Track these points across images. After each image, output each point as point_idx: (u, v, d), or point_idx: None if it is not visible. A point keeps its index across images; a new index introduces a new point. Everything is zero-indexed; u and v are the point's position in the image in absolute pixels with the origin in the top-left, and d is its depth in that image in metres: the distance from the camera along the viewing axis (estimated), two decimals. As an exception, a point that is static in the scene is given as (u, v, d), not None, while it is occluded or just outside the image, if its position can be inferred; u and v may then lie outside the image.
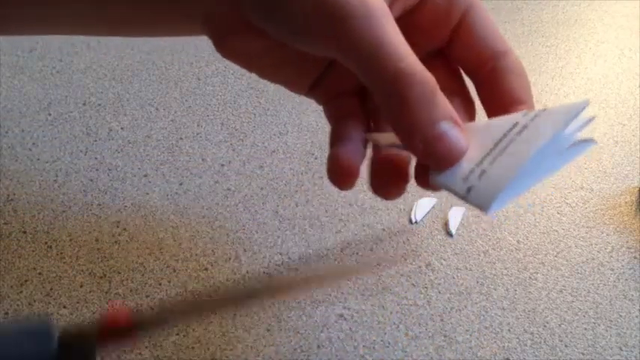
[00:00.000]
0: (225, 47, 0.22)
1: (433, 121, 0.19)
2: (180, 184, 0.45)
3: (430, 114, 0.19)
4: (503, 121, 0.21)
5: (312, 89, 0.26)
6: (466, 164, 0.21)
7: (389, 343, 0.37)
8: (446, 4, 0.23)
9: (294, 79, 0.25)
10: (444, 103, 0.20)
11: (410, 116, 0.19)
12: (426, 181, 0.23)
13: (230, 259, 0.40)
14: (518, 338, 0.37)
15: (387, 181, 0.24)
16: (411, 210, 0.44)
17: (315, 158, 0.48)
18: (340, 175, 0.24)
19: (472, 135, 0.21)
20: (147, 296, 0.38)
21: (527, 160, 0.19)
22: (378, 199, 0.46)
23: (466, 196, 0.21)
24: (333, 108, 0.26)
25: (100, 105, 0.52)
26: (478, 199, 0.20)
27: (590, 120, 0.20)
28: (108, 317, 0.22)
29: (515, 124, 0.20)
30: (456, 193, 0.21)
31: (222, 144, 0.49)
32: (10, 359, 0.19)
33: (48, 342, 0.20)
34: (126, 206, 0.43)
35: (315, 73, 0.25)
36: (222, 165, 0.47)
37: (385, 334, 0.37)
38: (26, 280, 0.38)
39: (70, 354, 0.21)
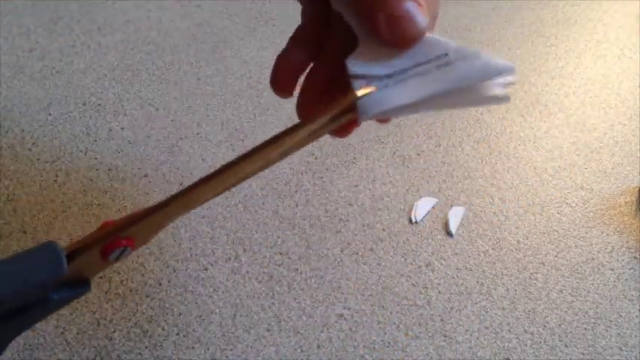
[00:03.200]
0: None
1: (392, 1, 0.20)
2: (180, 184, 0.45)
3: None
4: (436, 45, 0.22)
5: None
6: (384, 68, 0.22)
7: (389, 343, 0.37)
8: None
9: None
10: None
11: (372, 3, 0.20)
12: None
13: (230, 259, 0.40)
14: (518, 338, 0.37)
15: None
16: (411, 210, 0.44)
17: (316, 158, 0.48)
18: (274, 85, 0.25)
19: None
20: (147, 296, 0.38)
21: (428, 97, 0.21)
22: (378, 199, 0.46)
23: (361, 97, 0.22)
24: (306, 8, 0.27)
25: (100, 105, 0.52)
26: (364, 103, 0.21)
27: (511, 84, 0.21)
28: (102, 227, 0.22)
29: (445, 55, 0.21)
30: (354, 84, 0.22)
31: (222, 144, 0.49)
32: (20, 277, 0.20)
33: (57, 260, 0.20)
34: (126, 206, 0.43)
35: None
36: (222, 165, 0.47)
37: (385, 334, 0.37)
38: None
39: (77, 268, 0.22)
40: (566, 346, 0.37)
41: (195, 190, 0.21)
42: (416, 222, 0.43)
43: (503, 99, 0.22)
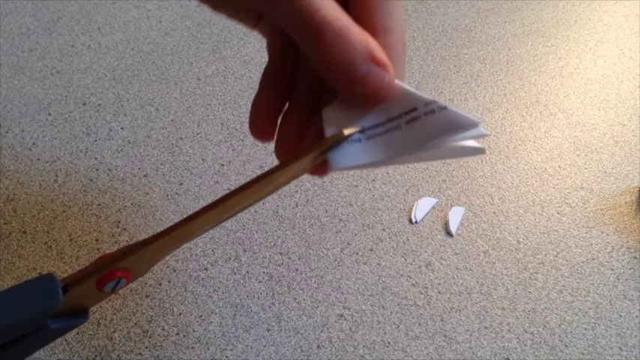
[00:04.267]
0: None
1: (352, 62, 0.20)
2: (180, 184, 0.45)
3: (348, 55, 0.20)
4: (406, 98, 0.21)
5: (257, 25, 0.26)
6: (357, 122, 0.21)
7: (389, 343, 0.37)
8: None
9: (238, 14, 0.26)
10: (361, 43, 0.20)
11: (329, 61, 0.20)
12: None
13: (230, 259, 0.40)
14: (518, 338, 0.37)
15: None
16: (411, 210, 0.44)
17: (315, 158, 0.48)
18: (252, 131, 0.25)
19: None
20: (147, 296, 0.38)
21: (397, 155, 0.20)
22: (378, 199, 0.46)
23: (329, 148, 0.21)
24: (270, 43, 0.26)
25: (100, 105, 0.52)
26: (334, 156, 0.21)
27: (482, 136, 0.20)
28: (98, 260, 0.23)
29: (414, 110, 0.21)
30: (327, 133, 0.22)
31: (222, 144, 0.49)
32: (17, 308, 0.20)
33: (53, 291, 0.21)
34: (126, 206, 0.43)
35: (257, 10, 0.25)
36: (222, 165, 0.47)
37: (385, 334, 0.37)
38: (26, 280, 0.38)
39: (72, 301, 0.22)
40: (566, 346, 0.37)
41: (189, 224, 0.21)
42: (416, 222, 0.43)
43: (477, 151, 0.21)
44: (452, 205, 0.45)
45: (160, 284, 0.39)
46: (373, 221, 0.44)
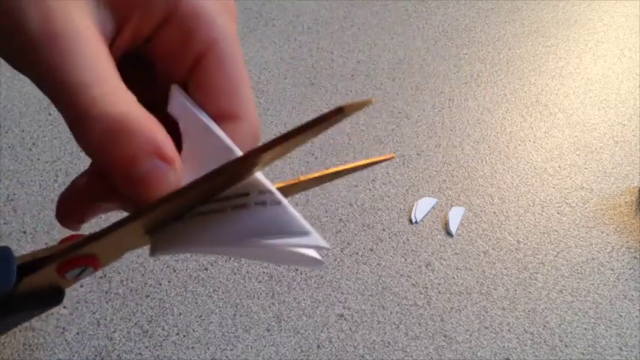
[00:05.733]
0: None
1: (128, 159, 0.16)
2: (180, 184, 0.45)
3: (123, 151, 0.16)
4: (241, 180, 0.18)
5: None
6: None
7: (389, 343, 0.37)
8: (179, 39, 0.18)
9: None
10: (147, 134, 0.16)
11: (102, 158, 0.16)
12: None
13: (230, 259, 0.40)
14: (518, 338, 0.37)
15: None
16: (411, 210, 0.44)
17: (316, 158, 0.48)
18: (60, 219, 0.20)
19: (209, 158, 0.18)
20: (147, 296, 0.38)
21: (222, 244, 0.17)
22: (378, 199, 0.46)
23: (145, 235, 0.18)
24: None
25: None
26: (155, 243, 0.18)
27: (320, 247, 0.18)
28: (64, 241, 0.20)
29: (245, 195, 0.18)
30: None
31: (222, 144, 0.49)
32: None
33: (6, 270, 0.19)
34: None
35: None
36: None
37: (385, 334, 0.37)
38: (26, 280, 0.38)
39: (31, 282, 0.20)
40: (566, 346, 0.37)
41: (159, 208, 0.18)
42: (416, 222, 0.43)
43: (314, 263, 0.19)
44: (452, 205, 0.45)
45: (160, 284, 0.39)
46: (373, 221, 0.44)
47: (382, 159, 0.21)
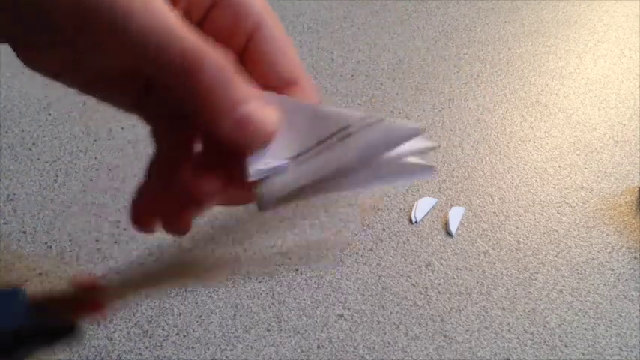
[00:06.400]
0: (26, 61, 0.19)
1: (234, 103, 0.18)
2: (180, 184, 0.45)
3: (229, 96, 0.18)
4: (336, 117, 0.20)
5: (134, 108, 0.22)
6: (284, 155, 0.20)
7: (389, 343, 0.37)
8: (230, 21, 0.20)
9: (111, 96, 0.22)
10: (241, 82, 0.18)
11: (208, 102, 0.18)
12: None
13: (229, 259, 0.40)
14: (518, 338, 0.37)
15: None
16: (411, 210, 0.44)
17: (315, 158, 0.48)
18: (135, 225, 0.21)
19: (296, 117, 0.20)
20: (147, 296, 0.38)
21: (333, 172, 0.18)
22: (378, 199, 0.46)
23: (262, 182, 0.20)
24: (153, 132, 0.22)
25: (99, 105, 0.52)
26: (268, 189, 0.19)
27: (429, 150, 0.18)
28: (76, 283, 0.21)
29: (347, 127, 0.19)
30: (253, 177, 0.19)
31: (222, 144, 0.49)
32: None
33: (17, 303, 0.19)
34: (126, 206, 0.43)
35: (133, 90, 0.22)
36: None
37: (385, 334, 0.37)
38: (26, 280, 0.38)
39: (43, 319, 0.21)
40: (566, 346, 0.37)
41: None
42: (416, 222, 0.43)
43: (423, 170, 0.19)
44: (452, 205, 0.45)
45: (160, 284, 0.39)
46: (373, 221, 0.44)
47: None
